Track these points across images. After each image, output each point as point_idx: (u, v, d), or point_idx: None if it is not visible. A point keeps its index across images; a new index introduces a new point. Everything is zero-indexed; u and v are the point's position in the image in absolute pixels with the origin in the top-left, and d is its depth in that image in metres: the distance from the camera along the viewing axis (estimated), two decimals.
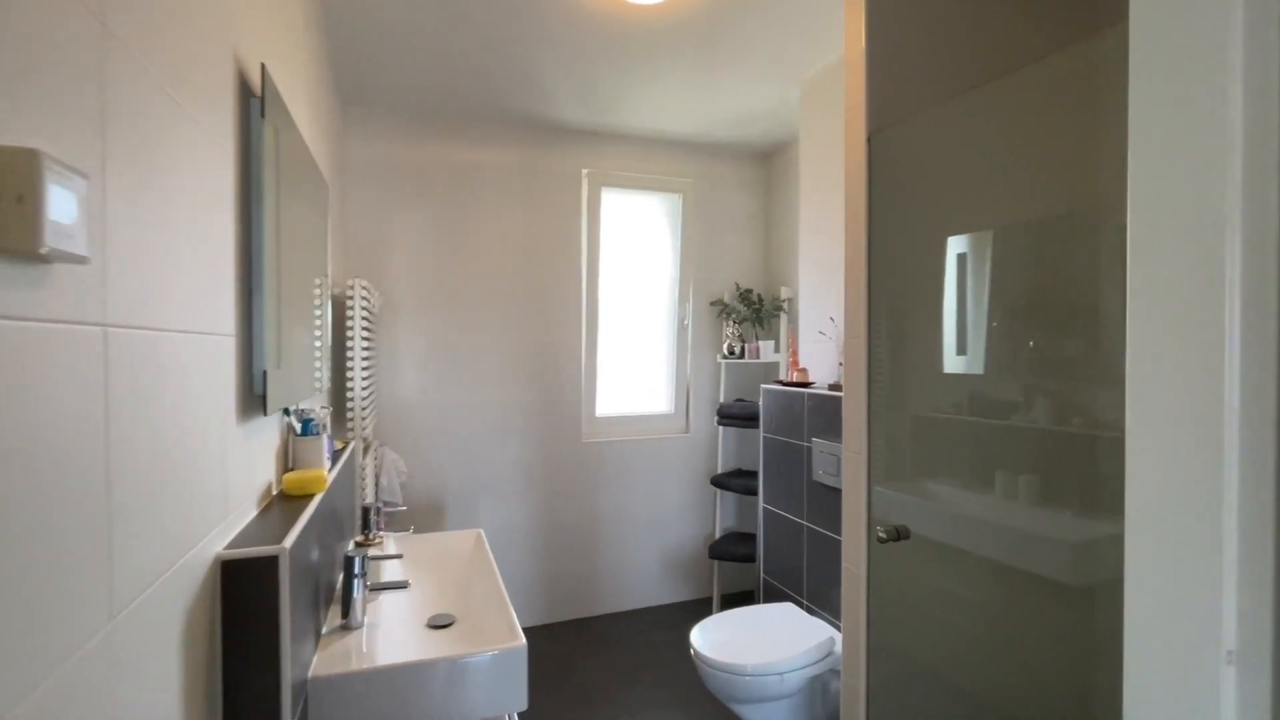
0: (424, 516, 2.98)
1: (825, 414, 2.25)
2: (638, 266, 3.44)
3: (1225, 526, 0.61)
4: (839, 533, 2.18)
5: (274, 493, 1.25)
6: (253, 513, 1.09)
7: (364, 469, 2.30)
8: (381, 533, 1.78)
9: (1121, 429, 0.76)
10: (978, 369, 1.48)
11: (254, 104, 1.09)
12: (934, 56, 1.63)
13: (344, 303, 2.27)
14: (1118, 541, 0.77)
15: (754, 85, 2.68)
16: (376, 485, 2.73)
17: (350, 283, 2.26)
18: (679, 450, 3.46)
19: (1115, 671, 0.76)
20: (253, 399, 1.08)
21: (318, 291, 1.80)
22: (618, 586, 3.35)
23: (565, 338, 3.23)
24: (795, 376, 2.50)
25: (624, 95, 2.78)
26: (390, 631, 1.38)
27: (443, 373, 3.01)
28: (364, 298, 2.29)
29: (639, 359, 3.47)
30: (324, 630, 1.29)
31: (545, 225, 3.18)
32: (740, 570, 3.52)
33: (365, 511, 1.75)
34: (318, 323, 1.76)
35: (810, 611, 2.34)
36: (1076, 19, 1.82)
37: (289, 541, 0.95)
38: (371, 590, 1.41)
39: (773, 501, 2.60)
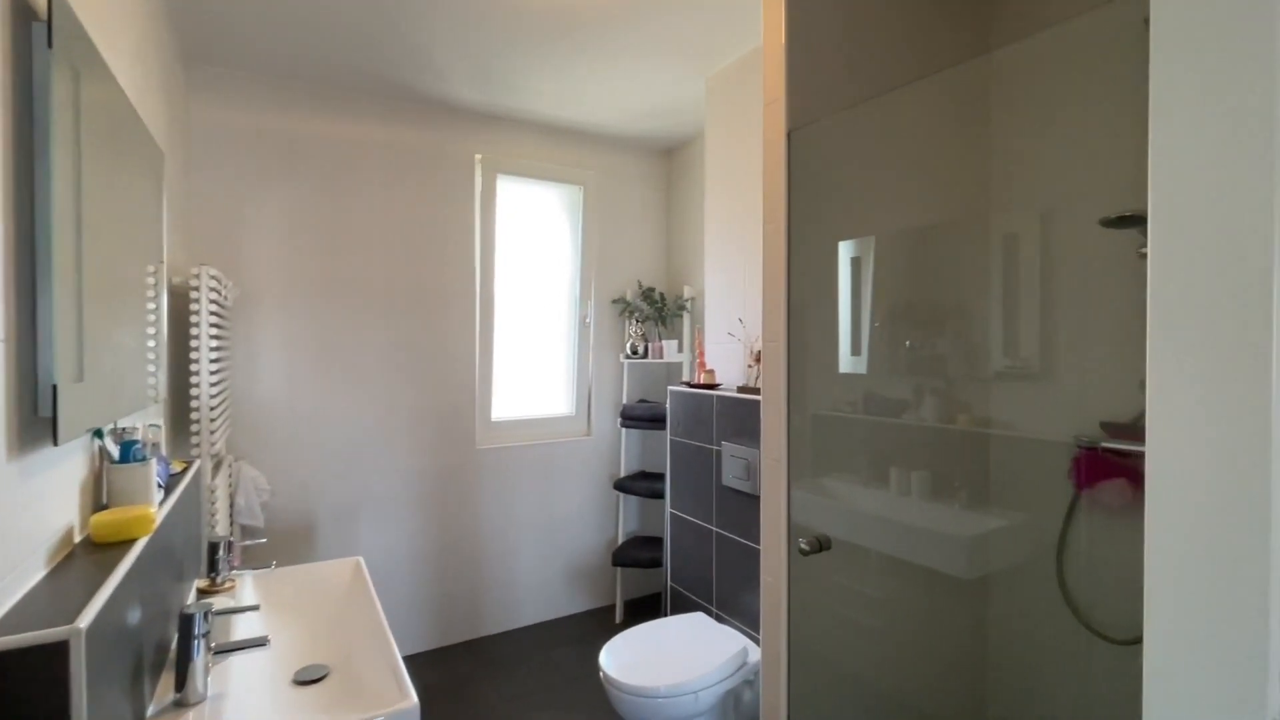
0: (292, 542, 2.62)
1: (735, 417, 2.20)
2: (536, 261, 3.25)
3: (1276, 563, 0.54)
4: (750, 539, 2.15)
5: (75, 541, 0.97)
6: (38, 574, 0.82)
7: (214, 492, 1.95)
8: (235, 572, 1.49)
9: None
10: (884, 370, 1.47)
11: (37, 30, 0.82)
12: (854, 55, 1.61)
13: (187, 295, 1.91)
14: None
15: (660, 77, 2.58)
16: (232, 508, 2.36)
17: (196, 271, 1.90)
18: (580, 454, 3.32)
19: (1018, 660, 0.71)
20: (35, 423, 0.81)
21: (151, 282, 1.47)
22: (517, 601, 3.15)
23: (458, 336, 2.98)
24: (702, 378, 2.44)
25: (523, 77, 2.58)
26: (243, 700, 1.13)
27: (315, 375, 2.66)
28: (214, 289, 1.94)
29: (538, 359, 3.29)
30: (150, 713, 1.03)
31: (435, 213, 2.91)
32: (646, 574, 3.44)
33: (213, 548, 1.45)
34: (150, 320, 1.44)
35: (720, 620, 2.29)
36: (988, 30, 1.88)
37: (88, 617, 0.71)
38: (218, 653, 1.15)
39: (680, 507, 2.53)
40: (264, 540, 1.61)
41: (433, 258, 2.90)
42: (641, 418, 3.13)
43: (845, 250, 1.59)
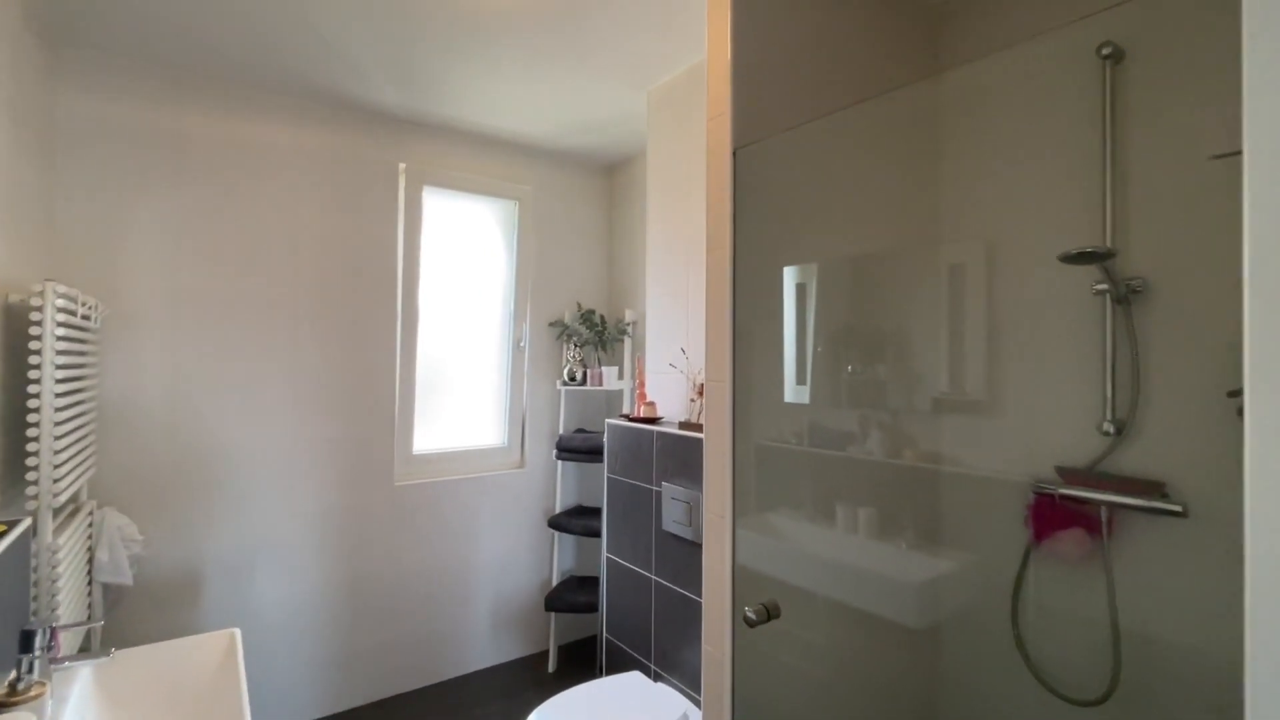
0: (172, 602, 2.27)
1: (676, 455, 2.03)
2: (466, 280, 3.01)
3: None
4: (691, 590, 1.97)
5: None
6: None
7: (55, 554, 1.62)
8: (58, 667, 1.20)
9: None
10: (829, 401, 1.33)
11: None
12: (804, 72, 1.49)
13: (27, 316, 1.59)
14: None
15: (600, 88, 2.42)
16: (91, 565, 2.01)
17: (39, 287, 1.59)
18: (512, 488, 3.08)
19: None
20: None
21: None
22: (437, 652, 2.86)
23: (375, 360, 2.70)
24: (643, 411, 2.27)
25: (453, 82, 2.37)
26: None
27: (204, 405, 2.34)
28: (65, 309, 1.63)
29: (467, 386, 3.04)
30: None
31: (351, 226, 2.64)
32: (582, 617, 3.21)
33: (26, 640, 1.16)
34: None
35: (658, 678, 2.10)
36: (939, 51, 1.80)
37: None
38: None
39: (617, 551, 2.33)
40: (101, 623, 1.32)
41: (348, 275, 2.63)
42: (579, 449, 2.92)
43: (790, 276, 1.46)
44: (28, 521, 1.42)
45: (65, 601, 1.70)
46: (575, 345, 3.11)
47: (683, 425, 2.07)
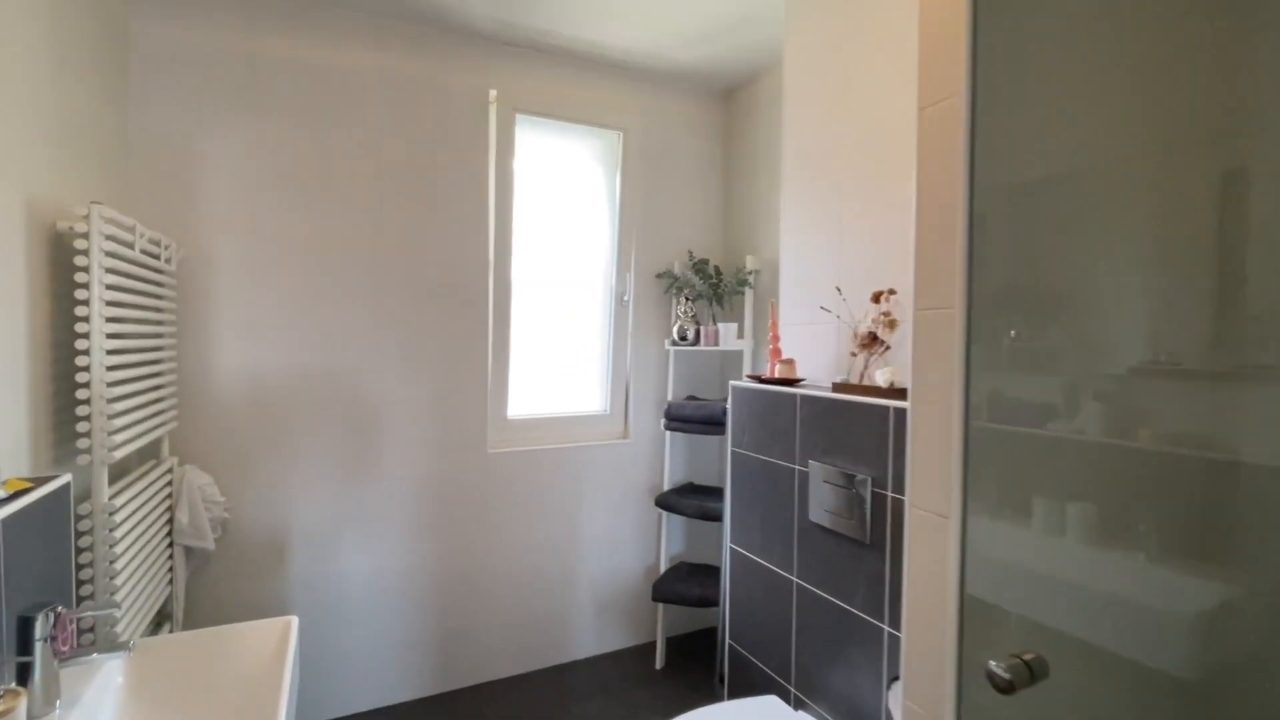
0: (253, 570, 2.11)
1: (830, 426, 1.57)
2: (564, 226, 2.65)
3: None
4: (849, 600, 1.51)
5: None
6: None
7: (110, 514, 1.42)
8: (67, 665, 0.95)
9: None
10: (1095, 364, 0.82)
11: None
12: None
13: (72, 245, 1.38)
14: None
15: None
16: (170, 523, 1.85)
17: (83, 211, 1.37)
18: (615, 461, 2.73)
19: None
20: None
21: None
22: (534, 637, 2.59)
23: (467, 316, 2.41)
24: (779, 371, 1.81)
25: None
26: None
27: (284, 360, 2.14)
28: (109, 235, 1.41)
29: (565, 346, 2.70)
30: None
31: (438, 162, 2.34)
32: (693, 609, 2.84)
33: (24, 627, 0.91)
34: None
35: (798, 704, 1.67)
36: None
37: None
38: None
39: (744, 542, 1.90)
40: (114, 610, 1.08)
41: (435, 217, 2.34)
42: (691, 419, 2.51)
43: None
44: (65, 479, 1.20)
45: (130, 571, 1.52)
46: (686, 299, 2.68)
47: (837, 387, 1.59)
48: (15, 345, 1.26)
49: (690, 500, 2.56)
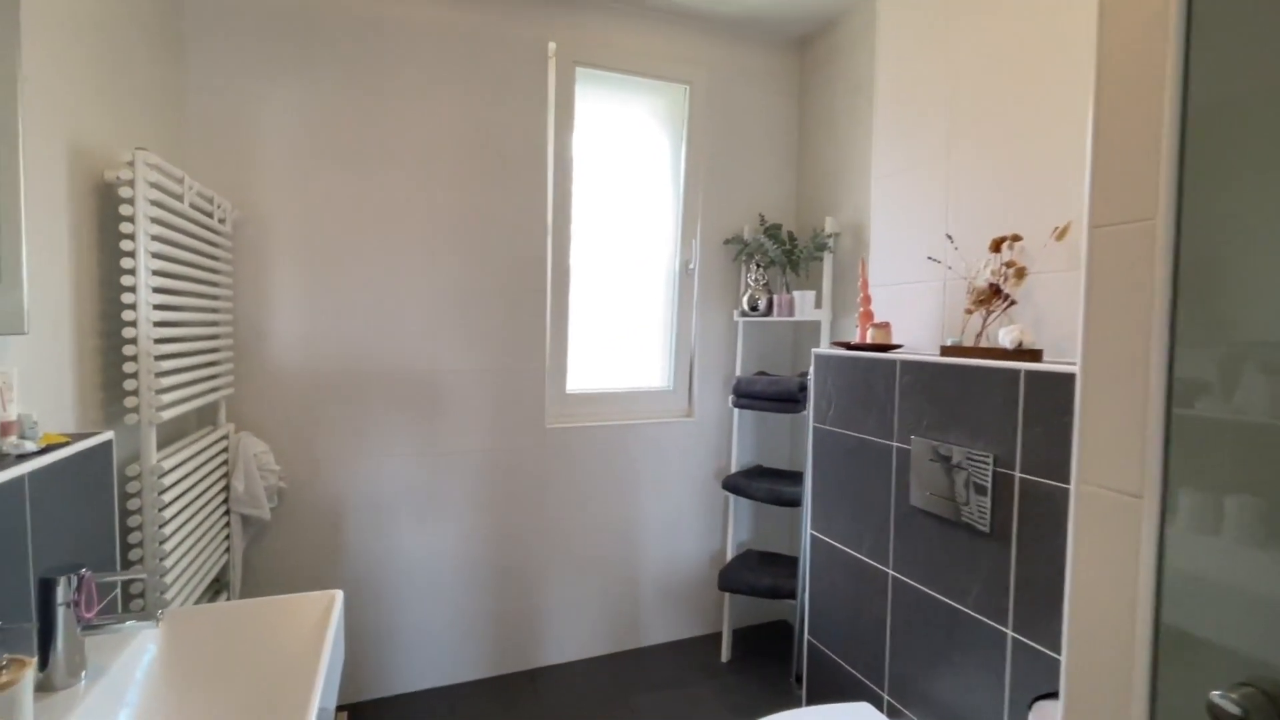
0: (307, 542, 2.05)
1: (936, 396, 1.35)
2: (625, 188, 2.49)
3: None
4: (957, 598, 1.30)
5: None
6: None
7: (159, 477, 1.36)
8: (90, 632, 0.86)
9: None
10: None
11: None
12: None
13: (117, 196, 1.31)
14: None
15: None
16: (226, 490, 1.81)
17: (127, 157, 1.29)
18: (679, 440, 2.56)
19: None
20: None
21: None
22: (593, 622, 2.46)
23: (524, 284, 2.28)
24: (871, 336, 1.59)
25: None
26: None
27: (338, 327, 2.06)
28: (154, 183, 1.33)
29: (625, 318, 2.54)
30: None
31: (495, 120, 2.21)
32: (762, 600, 2.65)
33: (45, 589, 0.83)
34: None
35: (893, 713, 1.46)
36: None
37: None
38: None
39: (827, 528, 1.70)
40: (143, 576, 0.99)
41: (491, 178, 2.22)
42: (762, 395, 2.31)
43: None
44: (105, 436, 1.13)
45: (182, 537, 1.47)
46: (758, 266, 2.47)
47: (948, 351, 1.36)
48: (60, 299, 1.20)
49: (760, 484, 2.37)
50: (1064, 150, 1.30)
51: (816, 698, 1.73)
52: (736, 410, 2.53)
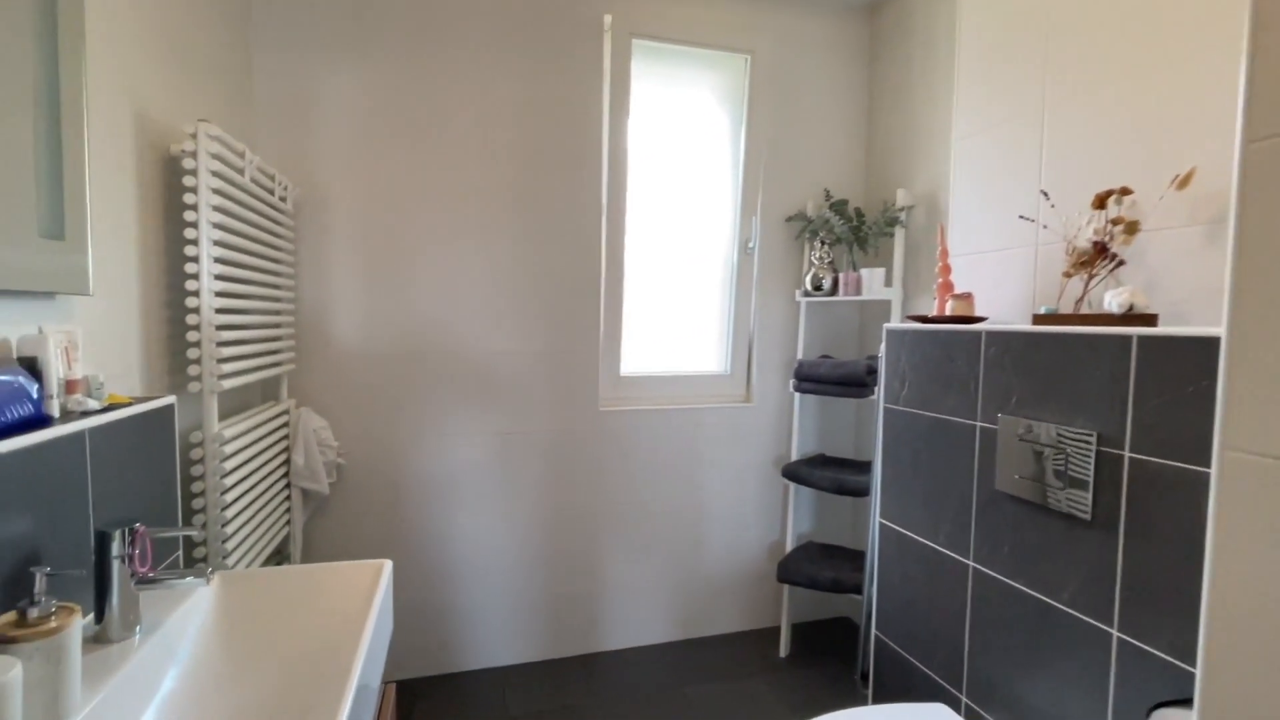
0: (365, 517, 2.08)
1: (1028, 369, 1.21)
2: (682, 165, 2.40)
3: None
4: (1050, 592, 1.16)
5: None
6: None
7: (221, 445, 1.38)
8: (145, 587, 0.86)
9: None
10: None
11: None
12: None
13: (180, 167, 1.33)
14: None
15: None
16: (287, 464, 1.84)
17: (191, 129, 1.31)
18: (736, 426, 2.46)
19: None
20: None
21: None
22: (646, 611, 2.41)
23: (579, 264, 2.24)
24: (951, 307, 1.46)
25: None
26: None
27: (395, 306, 2.07)
28: (215, 154, 1.35)
29: (681, 299, 2.46)
30: None
31: (550, 96, 2.17)
32: (823, 594, 2.53)
33: (101, 541, 0.83)
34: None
35: (970, 716, 1.34)
36: None
37: None
38: None
39: (901, 518, 1.58)
40: (195, 531, 0.98)
41: (546, 156, 2.18)
42: (827, 379, 2.19)
43: None
44: (168, 400, 1.15)
45: (243, 505, 1.49)
46: (822, 244, 2.34)
47: (1042, 319, 1.23)
48: (126, 266, 1.22)
49: (823, 472, 2.25)
50: (1183, 89, 1.14)
51: (885, 697, 1.62)
52: (798, 395, 2.41)
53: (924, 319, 1.50)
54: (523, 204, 2.16)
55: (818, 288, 2.31)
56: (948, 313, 1.46)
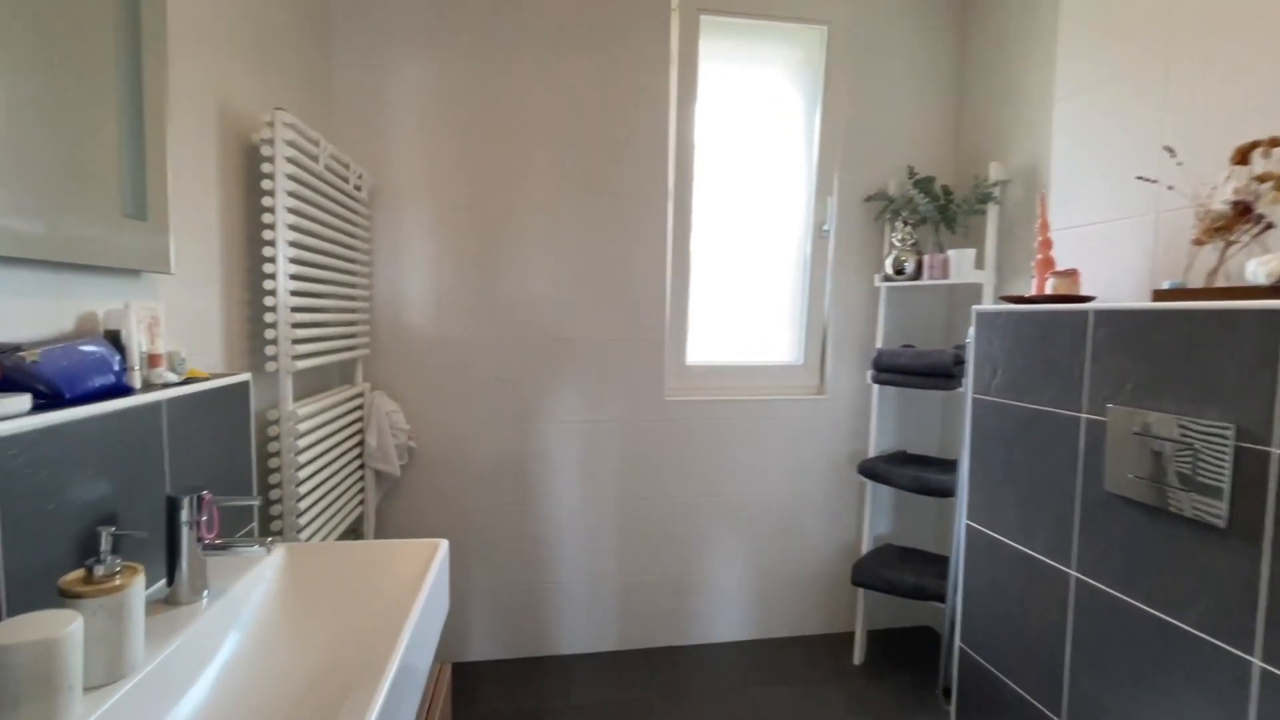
0: (433, 500, 2.13)
1: (1148, 352, 1.05)
2: (751, 146, 2.31)
3: None
4: (1173, 610, 1.01)
5: None
6: None
7: (295, 423, 1.43)
8: (212, 554, 0.89)
9: None
10: None
11: None
12: None
13: (258, 154, 1.39)
14: None
15: None
16: (361, 445, 1.91)
17: (267, 118, 1.36)
18: (809, 419, 2.34)
19: None
20: None
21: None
22: (713, 607, 2.34)
23: (643, 250, 2.19)
24: (1053, 286, 1.30)
25: None
26: None
27: (464, 294, 2.10)
28: (290, 141, 1.40)
29: (750, 283, 2.37)
30: None
31: (616, 77, 2.13)
32: (901, 601, 2.38)
33: (172, 507, 0.87)
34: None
35: None
36: None
37: None
38: None
39: (992, 520, 1.43)
40: (257, 501, 1.01)
41: (614, 142, 2.14)
42: (909, 369, 2.04)
43: None
44: (243, 377, 1.19)
45: (317, 482, 1.55)
46: (905, 225, 2.18)
47: (1164, 295, 1.06)
48: (209, 249, 1.28)
49: (904, 470, 2.10)
50: None
51: (970, 714, 1.48)
52: (876, 387, 2.27)
53: (1020, 299, 1.35)
54: (589, 189, 2.14)
55: (899, 271, 2.15)
56: (1048, 292, 1.30)
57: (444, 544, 1.14)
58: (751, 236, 2.34)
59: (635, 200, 2.17)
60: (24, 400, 0.73)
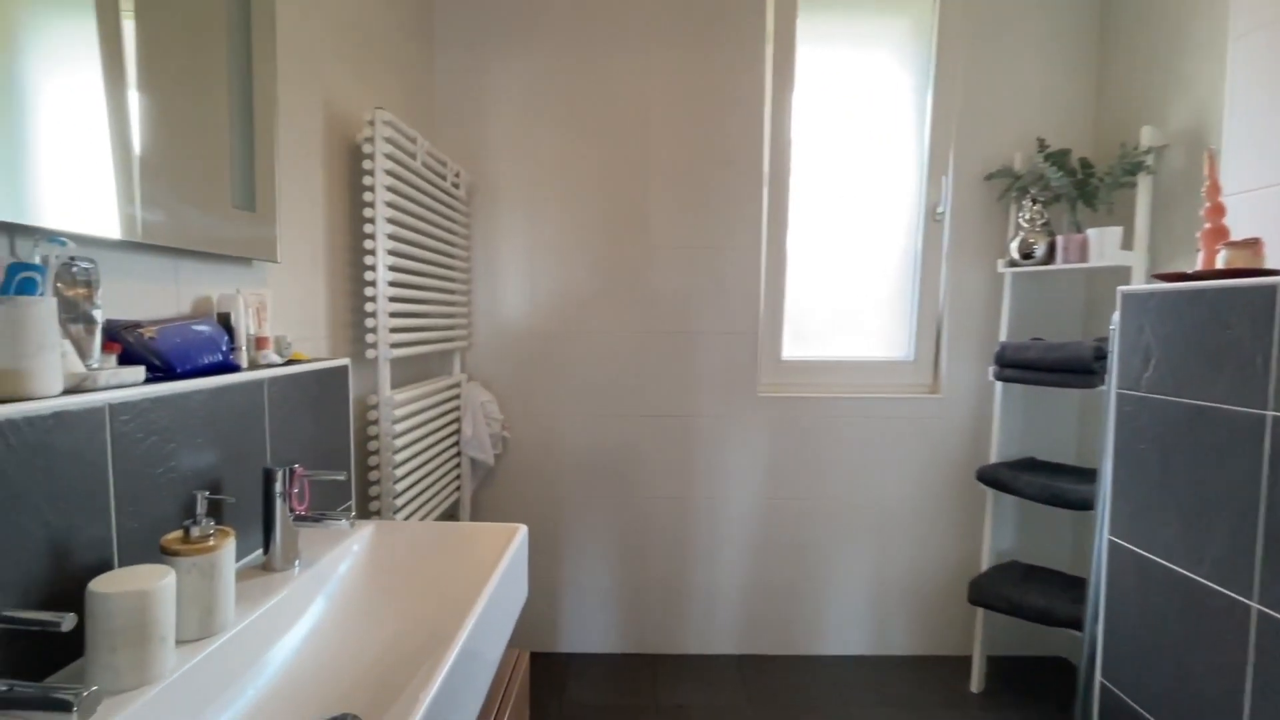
0: (524, 490, 2.16)
1: None
2: (853, 128, 2.15)
3: None
4: None
5: None
6: None
7: (393, 409, 1.49)
8: (302, 525, 0.93)
9: None
10: None
11: None
12: None
13: (359, 152, 1.46)
14: None
15: None
16: (458, 434, 1.97)
17: (369, 116, 1.43)
18: (921, 419, 2.15)
19: None
20: None
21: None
22: (813, 619, 2.20)
23: (738, 239, 2.11)
24: (1226, 259, 1.09)
25: None
26: None
27: (557, 288, 2.12)
28: (388, 138, 1.46)
29: (854, 274, 2.21)
30: None
31: (711, 68, 2.07)
32: (1029, 625, 2.12)
33: (268, 478, 0.91)
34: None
35: None
36: None
37: None
38: None
39: (1142, 538, 1.22)
40: (342, 476, 1.04)
41: (707, 131, 2.08)
42: (1039, 365, 1.81)
43: None
44: (342, 361, 1.25)
45: (414, 465, 1.61)
46: (1034, 203, 1.94)
47: None
48: (314, 241, 1.36)
49: (1032, 478, 1.86)
50: None
51: None
52: (1000, 385, 2.04)
53: (1181, 276, 1.14)
54: (681, 178, 2.09)
55: (1028, 255, 1.92)
56: (1219, 267, 1.09)
57: (523, 529, 1.13)
58: (855, 222, 2.18)
59: (729, 187, 2.09)
60: (138, 371, 0.78)
